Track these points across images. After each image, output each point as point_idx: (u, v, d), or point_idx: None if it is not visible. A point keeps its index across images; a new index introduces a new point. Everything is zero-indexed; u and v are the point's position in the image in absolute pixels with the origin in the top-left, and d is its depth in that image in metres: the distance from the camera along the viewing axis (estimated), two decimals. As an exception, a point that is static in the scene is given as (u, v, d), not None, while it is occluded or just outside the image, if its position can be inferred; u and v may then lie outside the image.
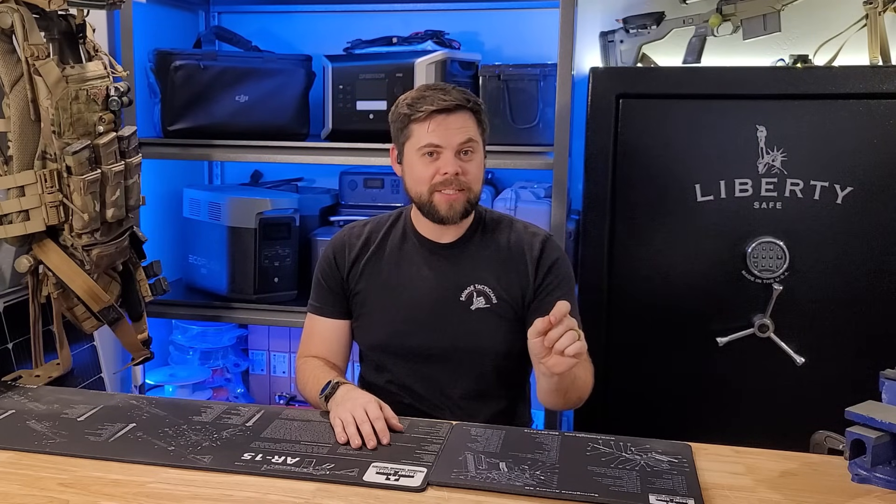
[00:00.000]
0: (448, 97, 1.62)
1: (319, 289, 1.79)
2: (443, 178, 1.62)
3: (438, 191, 1.63)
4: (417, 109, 1.63)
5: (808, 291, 2.08)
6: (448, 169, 1.62)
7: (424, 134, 1.63)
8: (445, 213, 1.64)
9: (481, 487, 1.28)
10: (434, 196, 1.64)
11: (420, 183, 1.65)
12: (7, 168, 1.74)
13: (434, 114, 1.61)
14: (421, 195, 1.66)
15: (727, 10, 2.21)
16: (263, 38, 2.74)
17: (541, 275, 1.70)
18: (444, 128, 1.62)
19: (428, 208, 1.66)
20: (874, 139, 2.01)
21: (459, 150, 1.62)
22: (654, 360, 2.18)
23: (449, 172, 1.61)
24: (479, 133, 1.66)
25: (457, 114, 1.63)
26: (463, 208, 1.65)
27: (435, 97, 1.63)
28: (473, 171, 1.65)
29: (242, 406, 1.64)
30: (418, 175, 1.65)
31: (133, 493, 1.26)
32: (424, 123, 1.62)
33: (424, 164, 1.64)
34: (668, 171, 2.12)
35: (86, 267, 1.85)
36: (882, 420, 1.27)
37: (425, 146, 1.63)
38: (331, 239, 1.83)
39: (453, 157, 1.62)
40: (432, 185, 1.63)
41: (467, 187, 1.64)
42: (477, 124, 1.66)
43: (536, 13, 2.63)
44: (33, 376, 1.88)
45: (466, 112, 1.64)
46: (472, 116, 1.65)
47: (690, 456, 1.40)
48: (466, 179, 1.63)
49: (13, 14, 1.67)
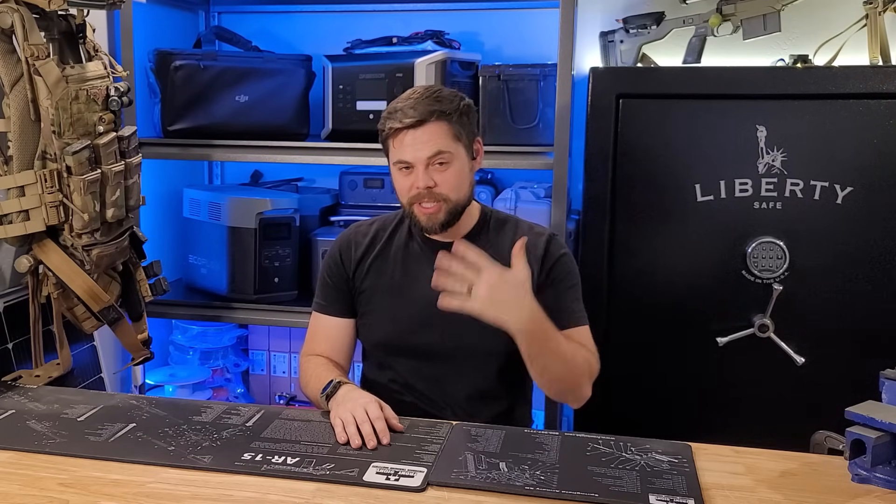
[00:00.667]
0: (414, 112, 1.60)
1: (325, 287, 1.80)
2: (416, 192, 1.63)
3: (417, 203, 1.65)
4: (385, 126, 1.65)
5: (808, 291, 2.08)
6: (419, 184, 1.62)
7: (397, 151, 1.64)
8: (425, 224, 1.66)
9: (481, 487, 1.28)
10: (414, 208, 1.66)
11: (401, 195, 1.68)
12: (7, 168, 1.74)
13: (398, 131, 1.62)
14: (404, 207, 1.69)
15: (727, 10, 2.21)
16: (263, 38, 2.74)
17: (545, 271, 1.70)
18: (412, 143, 1.61)
19: (411, 218, 1.69)
20: (874, 139, 2.01)
21: (430, 163, 1.62)
22: (654, 361, 2.18)
23: (420, 187, 1.62)
24: (452, 140, 1.63)
25: (423, 127, 1.60)
26: (445, 219, 1.65)
27: (403, 112, 1.61)
28: (449, 180, 1.63)
29: (242, 406, 1.64)
30: (398, 187, 1.68)
31: (133, 493, 1.26)
32: (395, 140, 1.63)
33: (402, 177, 1.66)
34: (668, 171, 2.12)
35: (86, 267, 1.85)
36: (882, 420, 1.27)
37: (396, 163, 1.65)
38: (337, 238, 1.84)
39: (424, 171, 1.62)
40: (409, 198, 1.65)
41: (444, 198, 1.64)
42: (451, 131, 1.63)
43: (536, 13, 2.63)
44: (33, 376, 1.88)
45: (435, 123, 1.61)
46: (442, 126, 1.62)
47: (690, 456, 1.40)
48: (440, 191, 1.63)
49: (13, 14, 1.67)
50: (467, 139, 1.67)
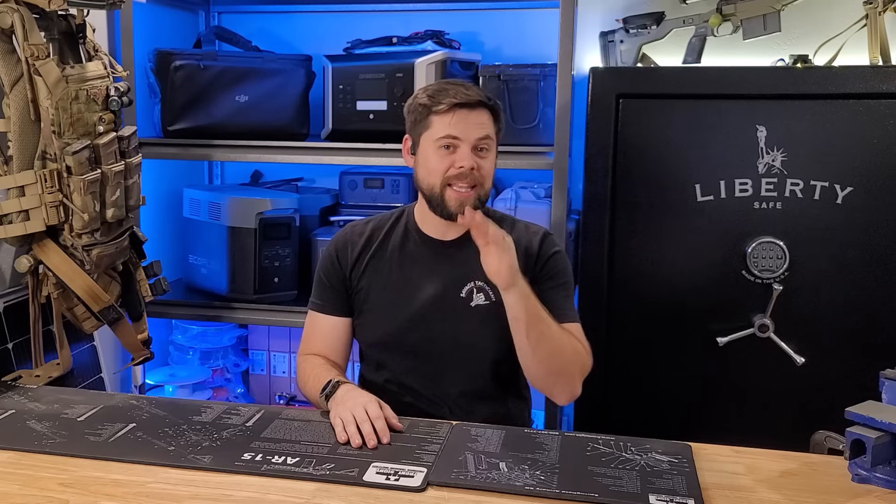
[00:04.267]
0: (470, 92, 1.64)
1: (321, 286, 1.80)
2: (458, 172, 1.62)
3: (451, 185, 1.63)
4: (439, 101, 1.63)
5: (808, 291, 2.08)
6: (464, 162, 1.62)
7: (445, 126, 1.63)
8: (455, 208, 1.64)
9: (481, 487, 1.28)
10: (446, 190, 1.64)
11: (433, 175, 1.65)
12: (7, 168, 1.74)
13: (456, 107, 1.62)
14: (433, 187, 1.65)
15: (727, 10, 2.21)
16: (263, 38, 2.74)
17: (538, 268, 1.70)
18: (465, 122, 1.62)
19: (438, 201, 1.66)
20: (874, 139, 2.01)
21: (477, 145, 1.63)
22: (654, 360, 2.18)
23: (465, 166, 1.62)
24: (495, 132, 1.67)
25: (478, 110, 1.64)
26: (473, 206, 1.64)
27: (458, 91, 1.64)
28: (487, 167, 1.65)
29: (242, 406, 1.64)
30: (433, 167, 1.65)
31: (133, 493, 1.26)
32: (446, 116, 1.63)
33: (440, 156, 1.64)
34: (668, 171, 2.12)
35: (86, 267, 1.85)
36: (882, 420, 1.27)
37: (444, 137, 1.63)
38: (333, 237, 1.83)
39: (470, 151, 1.63)
40: (446, 177, 1.63)
41: (480, 183, 1.64)
42: (494, 124, 1.67)
43: (536, 13, 2.63)
44: (33, 376, 1.88)
45: (486, 110, 1.65)
46: (490, 115, 1.66)
47: (690, 456, 1.40)
48: (481, 175, 1.64)
49: (13, 14, 1.67)
50: (499, 137, 1.71)
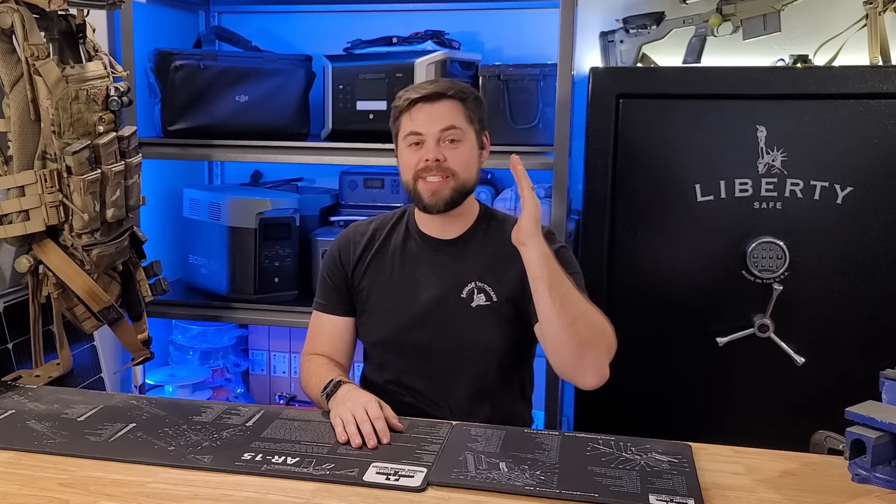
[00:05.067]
0: (431, 87, 1.65)
1: (325, 286, 1.80)
2: (424, 165, 1.63)
3: (422, 178, 1.64)
4: (402, 98, 1.67)
5: (808, 291, 2.08)
6: (428, 155, 1.63)
7: (409, 123, 1.65)
8: (428, 200, 1.65)
9: (481, 487, 1.28)
10: (418, 183, 1.65)
11: (406, 171, 1.68)
12: (7, 168, 1.74)
13: (415, 102, 1.64)
14: (408, 183, 1.68)
15: (727, 10, 2.21)
16: (263, 38, 2.74)
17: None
18: (426, 115, 1.64)
19: (414, 196, 1.68)
20: (874, 139, 2.01)
21: (441, 137, 1.63)
22: (654, 360, 2.18)
23: (429, 159, 1.63)
24: (465, 121, 1.66)
25: (439, 102, 1.64)
26: (449, 196, 1.64)
27: (421, 86, 1.66)
28: (459, 157, 1.65)
29: (242, 406, 1.64)
30: (404, 163, 1.68)
31: (133, 493, 1.26)
32: (408, 113, 1.65)
33: (410, 152, 1.66)
34: (668, 171, 2.12)
35: (86, 267, 1.85)
36: (882, 420, 1.27)
37: (409, 135, 1.65)
38: (336, 237, 1.84)
39: (435, 144, 1.63)
40: (416, 171, 1.65)
41: (451, 173, 1.64)
42: (464, 111, 1.66)
43: (536, 13, 2.63)
44: (33, 376, 1.88)
45: (450, 100, 1.65)
46: (457, 105, 1.66)
47: (690, 456, 1.40)
48: (449, 165, 1.63)
49: (13, 14, 1.67)
50: (478, 126, 1.70)
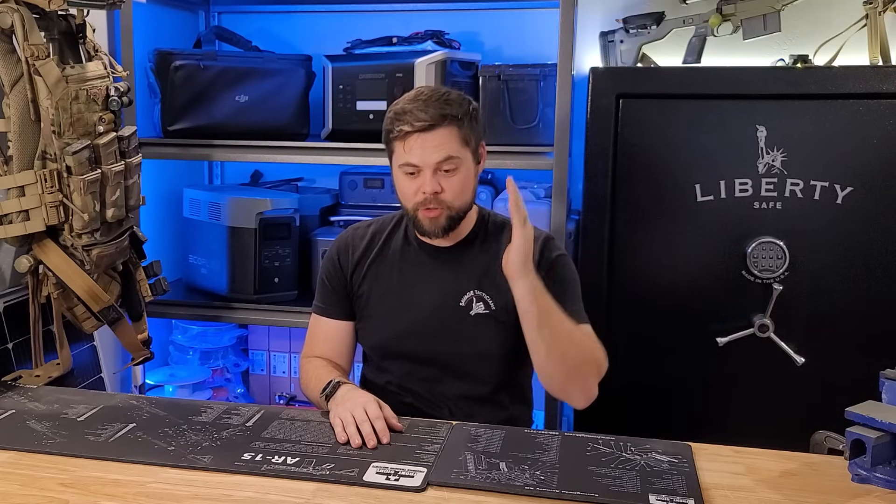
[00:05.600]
0: (425, 115, 1.58)
1: (323, 289, 1.79)
2: (422, 198, 1.62)
3: (422, 208, 1.63)
4: (395, 128, 1.61)
5: (808, 291, 2.08)
6: (426, 189, 1.60)
7: (403, 153, 1.61)
8: (428, 228, 1.65)
9: (481, 487, 1.28)
10: (418, 213, 1.64)
11: (405, 199, 1.66)
12: (7, 168, 1.74)
13: (409, 134, 1.59)
14: (408, 211, 1.67)
15: (727, 10, 2.21)
16: (263, 38, 2.74)
17: (542, 271, 1.67)
18: (422, 147, 1.59)
19: (413, 222, 1.67)
20: (874, 139, 2.01)
21: (437, 168, 1.60)
22: (653, 360, 2.18)
23: (427, 192, 1.61)
24: (461, 146, 1.61)
25: (434, 131, 1.58)
26: (446, 224, 1.64)
27: (414, 115, 1.58)
28: (455, 187, 1.62)
29: (242, 406, 1.64)
30: (402, 191, 1.66)
31: (133, 493, 1.26)
32: (403, 143, 1.60)
33: (407, 182, 1.64)
34: (668, 171, 2.12)
35: (86, 267, 1.85)
36: (882, 420, 1.27)
37: (404, 165, 1.62)
38: (335, 239, 1.83)
39: (432, 175, 1.60)
40: (414, 203, 1.63)
41: (447, 205, 1.62)
42: (460, 136, 1.61)
43: (536, 13, 2.63)
44: (33, 376, 1.88)
45: (446, 128, 1.59)
46: (453, 131, 1.60)
47: (690, 456, 1.40)
48: (445, 198, 1.61)
49: (13, 14, 1.67)
50: (475, 144, 1.66)
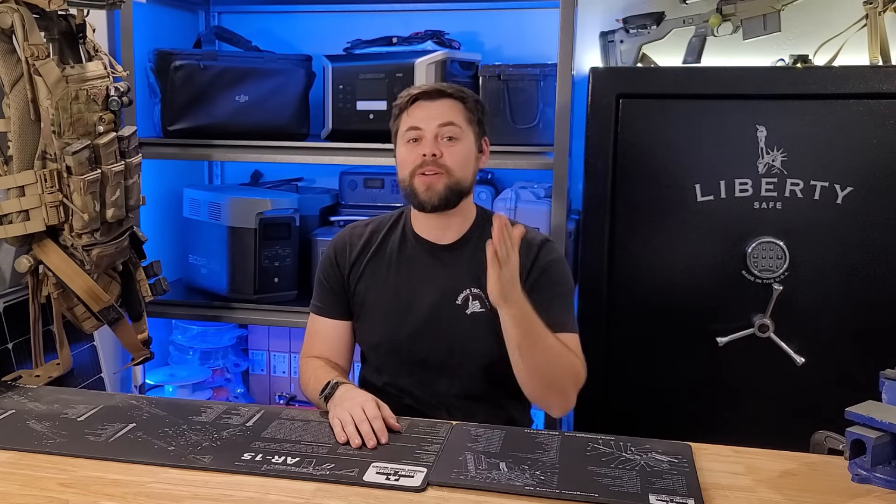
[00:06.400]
0: (434, 85, 1.70)
1: (321, 289, 1.79)
2: (421, 160, 1.64)
3: (418, 173, 1.65)
4: (401, 96, 1.70)
5: (808, 291, 2.08)
6: (426, 150, 1.64)
7: (408, 119, 1.68)
8: (423, 195, 1.65)
9: (481, 487, 1.28)
10: (414, 179, 1.65)
11: (403, 167, 1.68)
12: (7, 168, 1.74)
13: (416, 99, 1.67)
14: (404, 179, 1.68)
15: (727, 10, 2.21)
16: (263, 38, 2.74)
17: (534, 276, 1.68)
18: (426, 112, 1.66)
19: (409, 193, 1.68)
20: (874, 139, 2.01)
21: (439, 133, 1.65)
22: (653, 360, 2.18)
23: (426, 153, 1.63)
24: (464, 120, 1.68)
25: (440, 100, 1.67)
26: (444, 192, 1.64)
27: (421, 88, 1.70)
28: (455, 155, 1.65)
29: (242, 406, 1.64)
30: (402, 159, 1.69)
31: (133, 493, 1.26)
32: (408, 109, 1.68)
33: (408, 149, 1.67)
34: (668, 171, 2.12)
35: (86, 267, 1.85)
36: (882, 420, 1.27)
37: (408, 130, 1.67)
38: (332, 238, 1.83)
39: (433, 139, 1.65)
40: (412, 167, 1.65)
41: (447, 170, 1.64)
42: (464, 112, 1.68)
43: (536, 13, 2.63)
44: (33, 376, 1.88)
45: (450, 99, 1.68)
46: (457, 104, 1.68)
47: (690, 456, 1.40)
48: (444, 161, 1.64)
49: (13, 14, 1.67)
50: (478, 128, 1.71)
